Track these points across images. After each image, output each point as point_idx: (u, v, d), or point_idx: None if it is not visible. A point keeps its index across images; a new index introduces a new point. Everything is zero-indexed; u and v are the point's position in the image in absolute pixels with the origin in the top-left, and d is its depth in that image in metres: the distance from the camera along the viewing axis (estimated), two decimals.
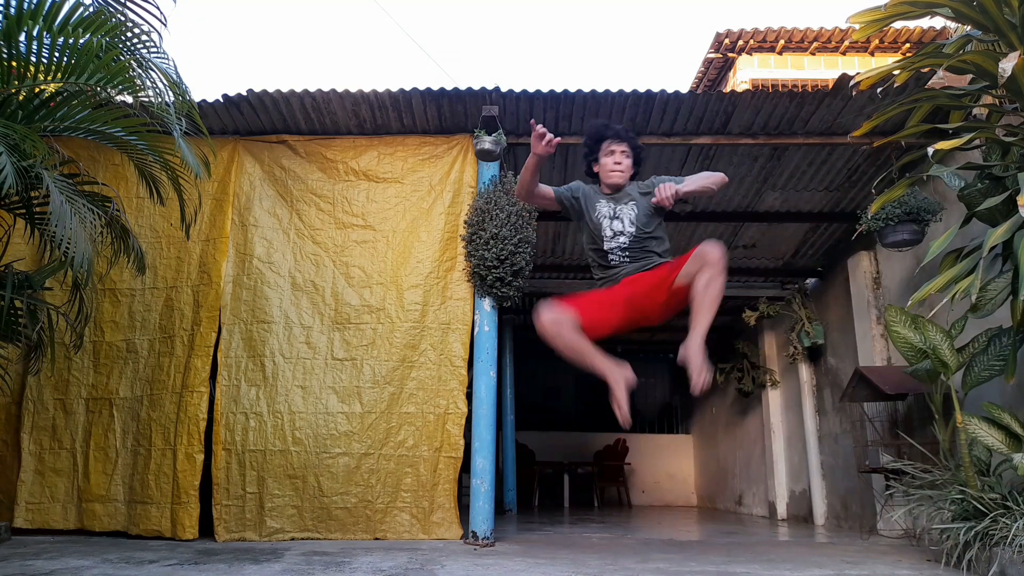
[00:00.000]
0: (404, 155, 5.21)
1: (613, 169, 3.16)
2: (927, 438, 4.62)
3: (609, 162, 3.17)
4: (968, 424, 3.59)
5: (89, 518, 4.64)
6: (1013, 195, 3.08)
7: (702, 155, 5.62)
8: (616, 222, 3.16)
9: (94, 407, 4.85)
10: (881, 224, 4.77)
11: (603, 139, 3.19)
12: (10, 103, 3.54)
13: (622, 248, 3.13)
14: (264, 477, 4.56)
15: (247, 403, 4.70)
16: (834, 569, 3.49)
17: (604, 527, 6.33)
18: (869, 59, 9.67)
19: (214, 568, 3.28)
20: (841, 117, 4.96)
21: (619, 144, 3.17)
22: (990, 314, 3.37)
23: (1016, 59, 2.90)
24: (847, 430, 6.55)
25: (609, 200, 3.16)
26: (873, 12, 3.34)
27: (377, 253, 5.02)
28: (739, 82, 9.68)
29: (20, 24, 3.34)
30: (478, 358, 4.74)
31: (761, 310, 7.70)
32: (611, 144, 3.17)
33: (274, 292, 4.92)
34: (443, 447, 4.67)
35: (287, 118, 5.10)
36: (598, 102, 4.82)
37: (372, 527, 4.53)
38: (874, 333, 6.08)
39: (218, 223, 5.04)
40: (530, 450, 10.30)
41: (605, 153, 3.18)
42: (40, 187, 3.34)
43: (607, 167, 3.17)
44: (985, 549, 3.16)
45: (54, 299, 4.54)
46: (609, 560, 3.75)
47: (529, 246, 4.75)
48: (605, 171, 3.18)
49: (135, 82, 3.52)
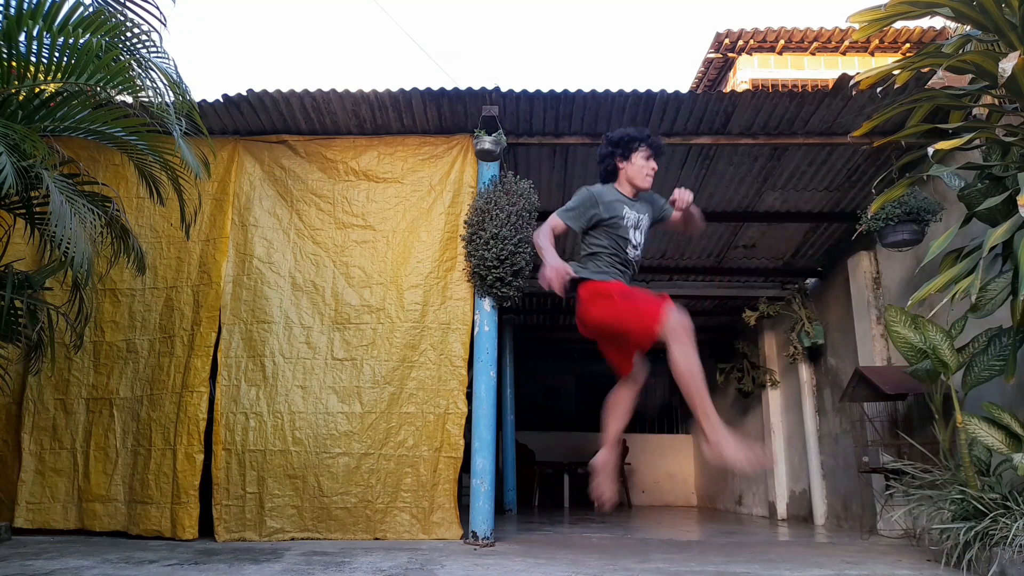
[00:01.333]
0: (404, 155, 5.21)
1: (649, 173, 3.22)
2: (927, 438, 4.62)
3: (647, 166, 3.22)
4: (968, 424, 3.59)
5: (89, 518, 4.64)
6: (1013, 195, 3.08)
7: (702, 155, 5.62)
8: (637, 233, 3.21)
9: (94, 407, 4.85)
10: (881, 224, 4.77)
11: (642, 143, 3.21)
12: (10, 103, 3.54)
13: (636, 260, 3.23)
14: (264, 477, 4.56)
15: (247, 403, 4.70)
16: (834, 569, 3.49)
17: (604, 527, 6.33)
18: (869, 59, 9.67)
19: (214, 568, 3.28)
20: (841, 117, 4.96)
21: (657, 159, 3.26)
22: (990, 314, 3.37)
23: (1016, 59, 2.90)
24: (847, 430, 6.55)
25: (631, 208, 3.19)
26: (873, 12, 3.35)
27: (377, 253, 5.02)
28: (739, 82, 9.69)
29: (20, 24, 3.34)
30: (478, 358, 4.74)
31: (761, 310, 7.70)
32: (649, 151, 3.22)
33: (274, 292, 4.92)
34: (443, 447, 4.67)
35: (287, 118, 5.10)
36: (598, 102, 4.82)
37: (372, 527, 4.53)
38: (874, 333, 6.08)
39: (218, 223, 5.04)
40: (530, 450, 10.30)
41: (643, 155, 3.21)
42: (40, 187, 3.34)
43: (643, 170, 3.21)
44: (985, 549, 3.16)
45: (54, 299, 4.54)
46: (609, 560, 3.75)
47: (529, 246, 4.75)
48: (639, 173, 3.21)
49: (135, 82, 3.52)
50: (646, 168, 3.21)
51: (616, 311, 2.95)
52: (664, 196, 3.32)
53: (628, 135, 3.23)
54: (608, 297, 2.99)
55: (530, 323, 10.24)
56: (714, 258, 7.44)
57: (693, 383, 2.71)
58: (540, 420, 11.57)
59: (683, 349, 2.70)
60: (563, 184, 6.01)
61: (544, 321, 10.18)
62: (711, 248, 7.24)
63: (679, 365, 2.71)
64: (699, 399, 2.70)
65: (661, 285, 7.57)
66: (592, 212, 3.14)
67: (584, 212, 3.16)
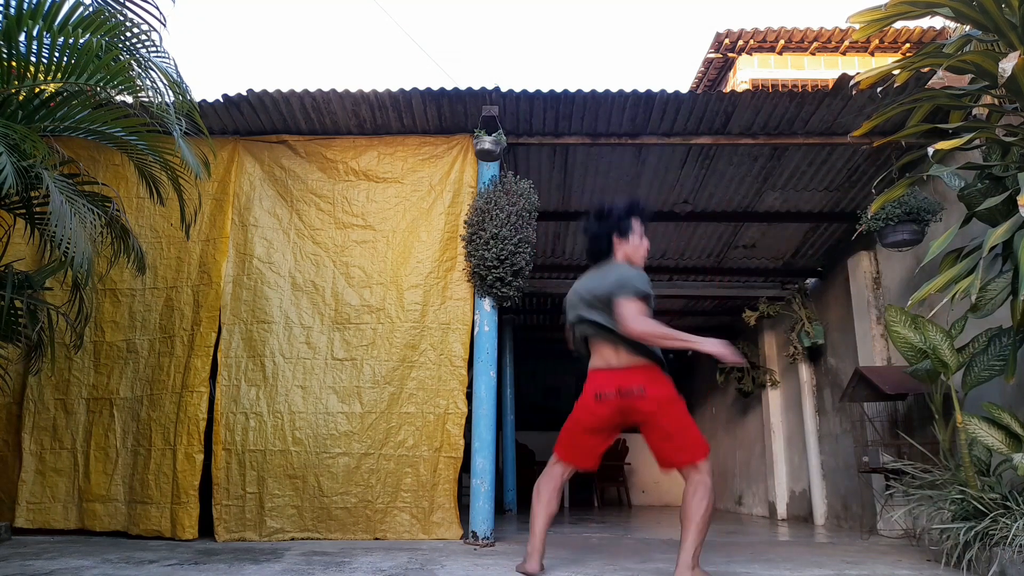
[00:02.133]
0: (404, 155, 5.21)
1: (644, 255, 3.16)
2: (927, 438, 4.62)
3: (646, 246, 3.16)
4: (968, 424, 3.59)
5: (89, 518, 4.64)
6: (1013, 195, 3.08)
7: (702, 155, 5.62)
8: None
9: (94, 407, 4.85)
10: (881, 224, 4.77)
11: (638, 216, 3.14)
12: (10, 103, 3.54)
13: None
14: (264, 477, 4.56)
15: (247, 403, 4.70)
16: (834, 569, 3.49)
17: (604, 527, 6.33)
18: (869, 59, 9.67)
19: (214, 568, 3.28)
20: (841, 117, 4.96)
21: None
22: (990, 314, 3.37)
23: (1016, 59, 2.90)
24: (847, 430, 6.55)
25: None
26: (873, 12, 3.34)
27: (377, 253, 5.02)
28: (739, 82, 9.69)
29: (20, 24, 3.34)
30: (478, 358, 4.74)
31: (761, 310, 7.70)
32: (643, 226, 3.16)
33: (274, 292, 4.92)
34: (443, 447, 4.67)
35: (287, 118, 5.10)
36: (598, 102, 4.82)
37: (372, 527, 4.53)
38: (874, 333, 6.08)
39: (218, 223, 5.04)
40: (530, 450, 10.30)
41: (643, 235, 3.16)
42: (40, 187, 3.34)
43: (643, 249, 3.16)
44: (985, 549, 3.16)
45: (54, 299, 4.54)
46: (609, 560, 3.75)
47: (529, 246, 4.75)
48: (642, 253, 3.14)
49: (135, 82, 3.52)
50: (643, 249, 3.15)
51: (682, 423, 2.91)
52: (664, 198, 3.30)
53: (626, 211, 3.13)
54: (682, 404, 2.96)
55: (530, 323, 10.24)
56: (714, 258, 7.44)
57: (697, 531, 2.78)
58: (540, 420, 11.57)
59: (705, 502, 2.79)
60: (563, 184, 6.01)
61: (544, 321, 10.19)
62: (711, 248, 7.24)
63: (693, 510, 2.78)
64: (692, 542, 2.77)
65: (661, 285, 7.57)
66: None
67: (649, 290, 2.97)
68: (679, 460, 2.88)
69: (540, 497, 3.12)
